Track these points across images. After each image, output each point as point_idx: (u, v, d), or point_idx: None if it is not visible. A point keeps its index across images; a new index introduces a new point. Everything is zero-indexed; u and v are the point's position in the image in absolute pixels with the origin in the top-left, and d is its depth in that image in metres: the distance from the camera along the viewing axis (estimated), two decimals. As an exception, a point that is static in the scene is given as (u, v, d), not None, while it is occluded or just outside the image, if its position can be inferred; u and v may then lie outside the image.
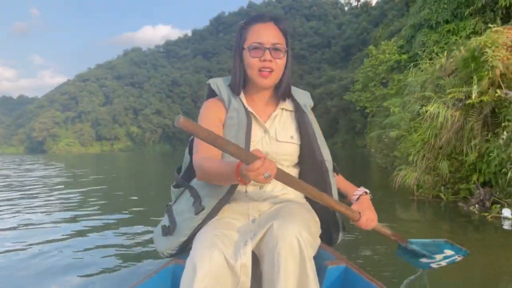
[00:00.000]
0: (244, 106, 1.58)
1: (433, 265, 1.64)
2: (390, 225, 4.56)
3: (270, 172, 1.15)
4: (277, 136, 1.58)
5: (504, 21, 9.83)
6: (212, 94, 1.65)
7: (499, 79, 5.56)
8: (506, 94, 5.43)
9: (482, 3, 10.06)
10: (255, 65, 1.52)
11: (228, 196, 1.48)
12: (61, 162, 30.07)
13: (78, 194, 8.14)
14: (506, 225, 4.35)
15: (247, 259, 1.29)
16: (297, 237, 1.27)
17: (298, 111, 1.65)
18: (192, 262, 1.25)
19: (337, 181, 1.67)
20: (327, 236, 1.66)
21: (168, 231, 1.55)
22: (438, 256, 1.60)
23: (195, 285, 1.20)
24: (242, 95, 1.63)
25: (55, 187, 9.76)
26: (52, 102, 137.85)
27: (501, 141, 5.09)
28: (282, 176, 1.27)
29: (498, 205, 4.83)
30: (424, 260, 1.62)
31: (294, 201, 1.58)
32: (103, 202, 7.08)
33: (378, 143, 10.10)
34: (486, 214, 4.75)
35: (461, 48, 6.47)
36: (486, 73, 5.47)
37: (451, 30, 10.66)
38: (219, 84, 1.64)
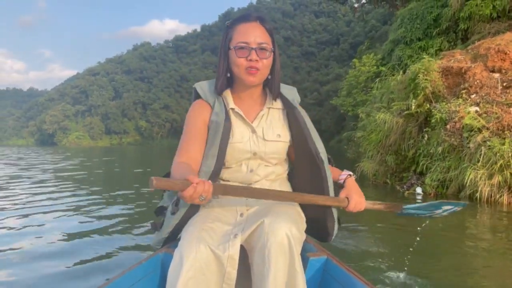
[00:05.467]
0: (226, 108, 1.59)
1: (434, 216, 1.91)
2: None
3: (205, 195, 1.25)
4: (264, 135, 1.60)
5: (464, 41, 11.81)
6: (198, 96, 1.66)
7: (431, 96, 7.59)
8: (434, 107, 7.45)
9: (446, 26, 12.05)
10: (242, 65, 1.52)
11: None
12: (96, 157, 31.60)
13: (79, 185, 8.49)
14: (418, 198, 6.40)
15: (234, 251, 1.32)
16: (287, 234, 1.31)
17: (289, 108, 1.66)
18: (179, 254, 1.30)
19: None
20: (323, 233, 1.69)
21: (155, 227, 1.67)
22: (437, 211, 1.88)
23: (181, 275, 1.25)
24: (229, 95, 1.65)
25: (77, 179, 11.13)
26: (63, 95, 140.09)
27: (424, 142, 7.14)
28: (234, 191, 1.37)
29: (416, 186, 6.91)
30: (424, 214, 1.90)
31: None
32: (104, 190, 7.57)
33: (349, 141, 12.21)
34: (407, 192, 6.81)
35: (411, 68, 8.50)
36: (419, 91, 7.50)
37: (422, 46, 12.63)
38: (203, 87, 1.67)
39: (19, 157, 24.00)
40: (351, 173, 1.71)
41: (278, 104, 1.68)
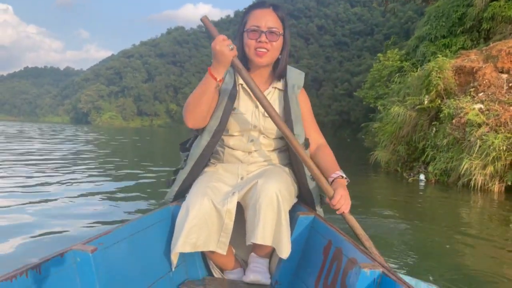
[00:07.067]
0: (235, 80, 1.76)
1: None
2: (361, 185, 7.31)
3: (233, 46, 1.54)
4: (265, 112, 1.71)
5: (486, 41, 12.20)
6: None
7: (442, 93, 8.21)
8: (444, 103, 8.08)
9: (470, 25, 12.46)
10: (252, 46, 1.70)
11: (203, 158, 1.77)
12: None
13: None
14: (421, 184, 7.11)
15: (232, 206, 1.57)
16: (276, 193, 1.53)
17: (285, 91, 1.80)
18: (186, 205, 1.56)
19: (322, 155, 1.81)
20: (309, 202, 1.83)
21: (169, 183, 1.91)
22: None
23: (187, 223, 1.51)
24: None
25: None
26: (98, 76, 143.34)
27: (432, 134, 7.81)
28: (245, 74, 1.61)
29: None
30: None
31: (277, 165, 1.82)
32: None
33: (366, 132, 12.92)
34: (411, 178, 7.53)
35: (426, 66, 9.10)
36: (432, 88, 8.13)
37: (446, 44, 13.05)
38: None
39: (74, 134, 25.60)
40: (344, 175, 1.71)
41: (282, 85, 1.83)
